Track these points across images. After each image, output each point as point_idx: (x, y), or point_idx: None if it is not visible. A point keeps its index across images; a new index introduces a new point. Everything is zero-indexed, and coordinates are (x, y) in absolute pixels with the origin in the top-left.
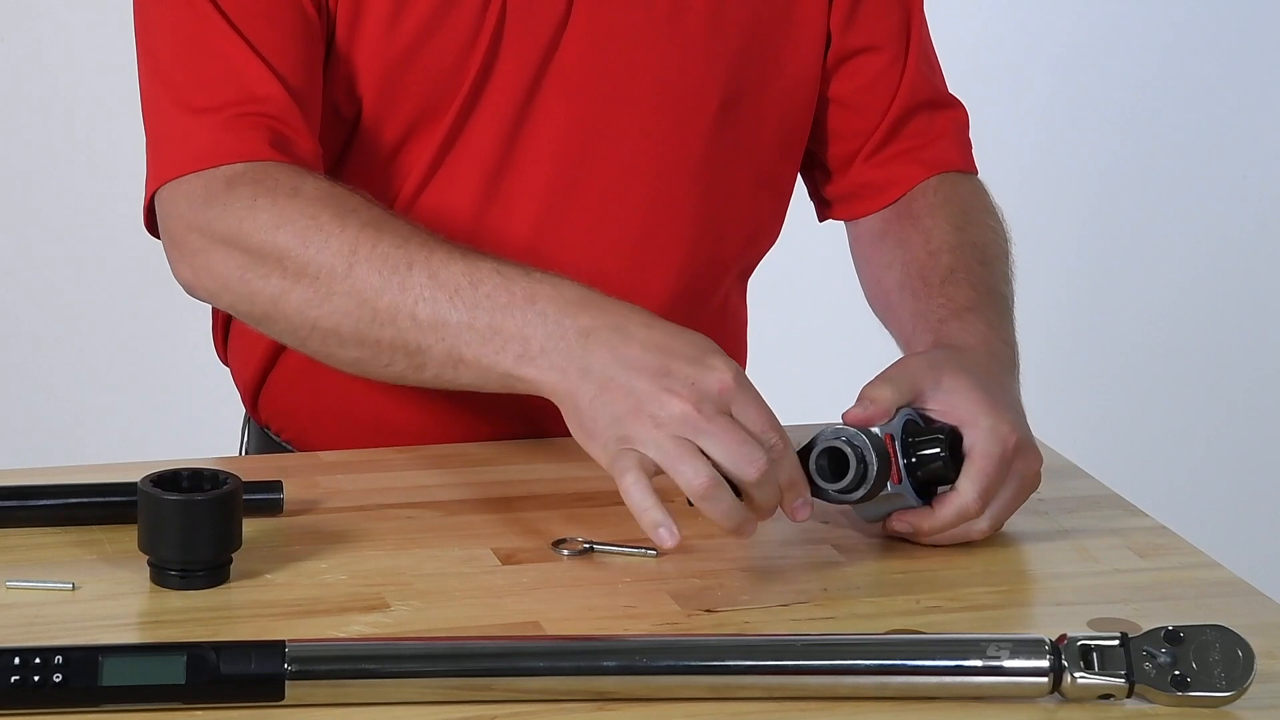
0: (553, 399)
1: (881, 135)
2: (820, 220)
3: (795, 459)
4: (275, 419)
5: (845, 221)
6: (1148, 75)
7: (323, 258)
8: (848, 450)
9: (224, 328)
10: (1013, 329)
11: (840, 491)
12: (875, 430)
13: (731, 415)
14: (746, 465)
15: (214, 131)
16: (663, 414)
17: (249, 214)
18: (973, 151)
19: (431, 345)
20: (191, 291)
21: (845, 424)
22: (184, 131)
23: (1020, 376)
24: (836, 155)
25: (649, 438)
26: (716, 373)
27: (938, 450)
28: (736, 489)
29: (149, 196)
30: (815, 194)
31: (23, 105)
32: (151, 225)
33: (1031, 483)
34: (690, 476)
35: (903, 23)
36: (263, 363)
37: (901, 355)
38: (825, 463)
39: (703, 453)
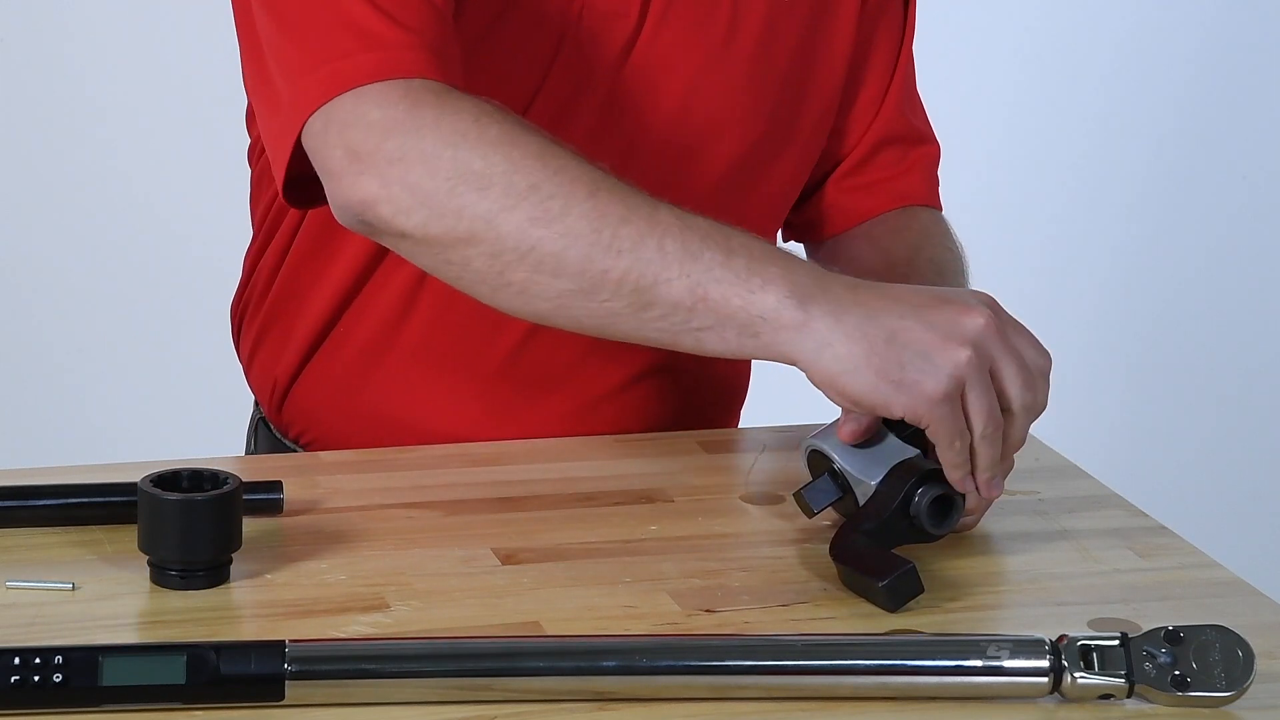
0: (816, 352)
1: (851, 164)
2: (784, 240)
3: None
4: (298, 421)
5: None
6: (1145, 72)
7: (562, 178)
8: (956, 497)
9: (253, 327)
10: None
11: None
12: (917, 453)
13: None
14: (1026, 390)
15: (418, 49)
16: (969, 329)
17: (474, 126)
18: (939, 188)
19: (673, 279)
20: (363, 211)
21: (842, 440)
22: (380, 33)
23: None
24: (809, 182)
25: (964, 359)
26: (983, 303)
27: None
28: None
29: (305, 118)
30: None
31: (23, 105)
32: (294, 165)
33: (1019, 444)
34: (982, 407)
35: (891, 58)
36: (296, 360)
37: None
38: (934, 508)
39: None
